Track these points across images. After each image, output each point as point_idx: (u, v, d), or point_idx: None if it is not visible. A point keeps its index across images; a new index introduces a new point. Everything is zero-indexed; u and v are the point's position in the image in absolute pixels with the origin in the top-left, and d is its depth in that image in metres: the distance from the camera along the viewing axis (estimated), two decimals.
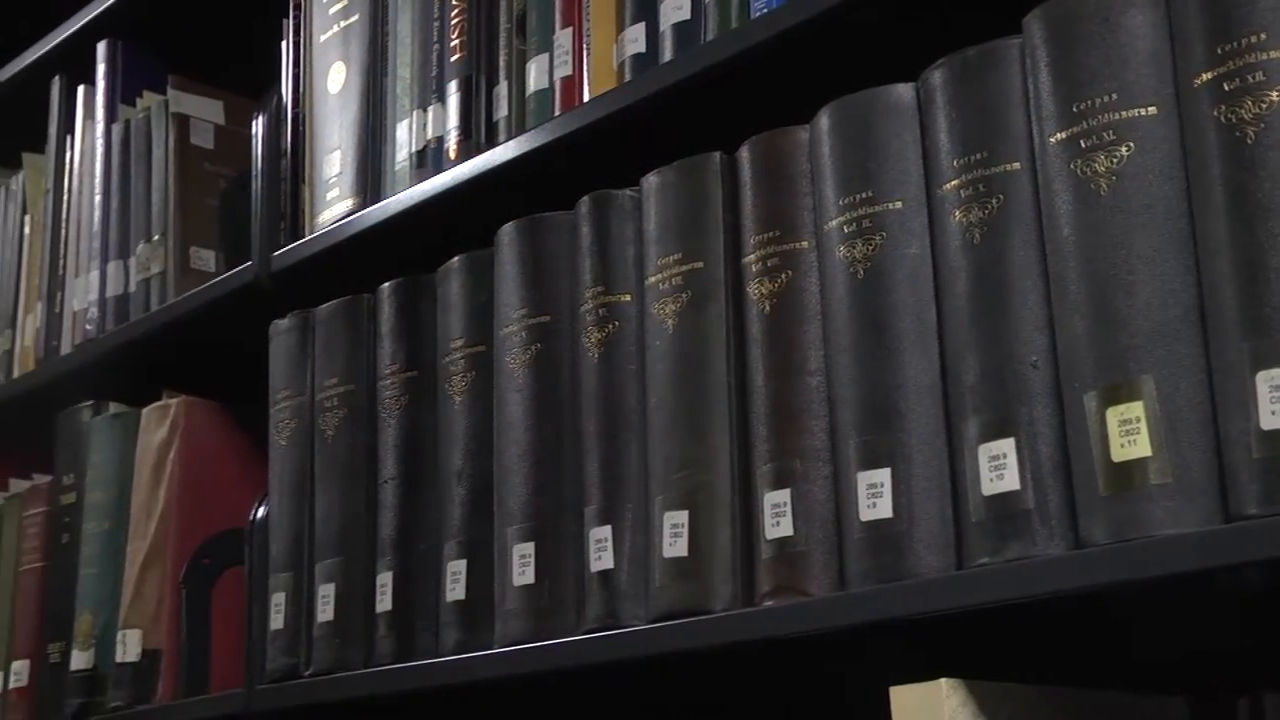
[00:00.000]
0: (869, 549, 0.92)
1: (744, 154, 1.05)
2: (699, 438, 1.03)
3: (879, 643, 1.01)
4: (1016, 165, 0.89)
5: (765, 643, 0.97)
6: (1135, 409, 0.81)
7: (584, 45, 1.20)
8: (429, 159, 1.30)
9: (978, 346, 0.89)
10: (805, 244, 1.00)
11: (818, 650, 1.08)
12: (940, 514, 0.91)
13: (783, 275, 1.00)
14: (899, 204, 0.95)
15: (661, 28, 1.14)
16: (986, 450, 0.87)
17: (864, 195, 0.96)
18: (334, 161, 1.39)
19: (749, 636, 0.96)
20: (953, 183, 0.92)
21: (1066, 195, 0.86)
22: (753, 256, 1.02)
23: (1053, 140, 0.87)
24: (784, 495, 0.97)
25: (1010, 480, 0.86)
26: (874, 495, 0.92)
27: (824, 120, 0.99)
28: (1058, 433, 0.86)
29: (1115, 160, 0.84)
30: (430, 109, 1.31)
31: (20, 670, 1.60)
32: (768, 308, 1.01)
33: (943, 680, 0.84)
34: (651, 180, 1.10)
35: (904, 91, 0.97)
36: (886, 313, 0.94)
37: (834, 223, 0.97)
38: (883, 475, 0.92)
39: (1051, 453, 0.86)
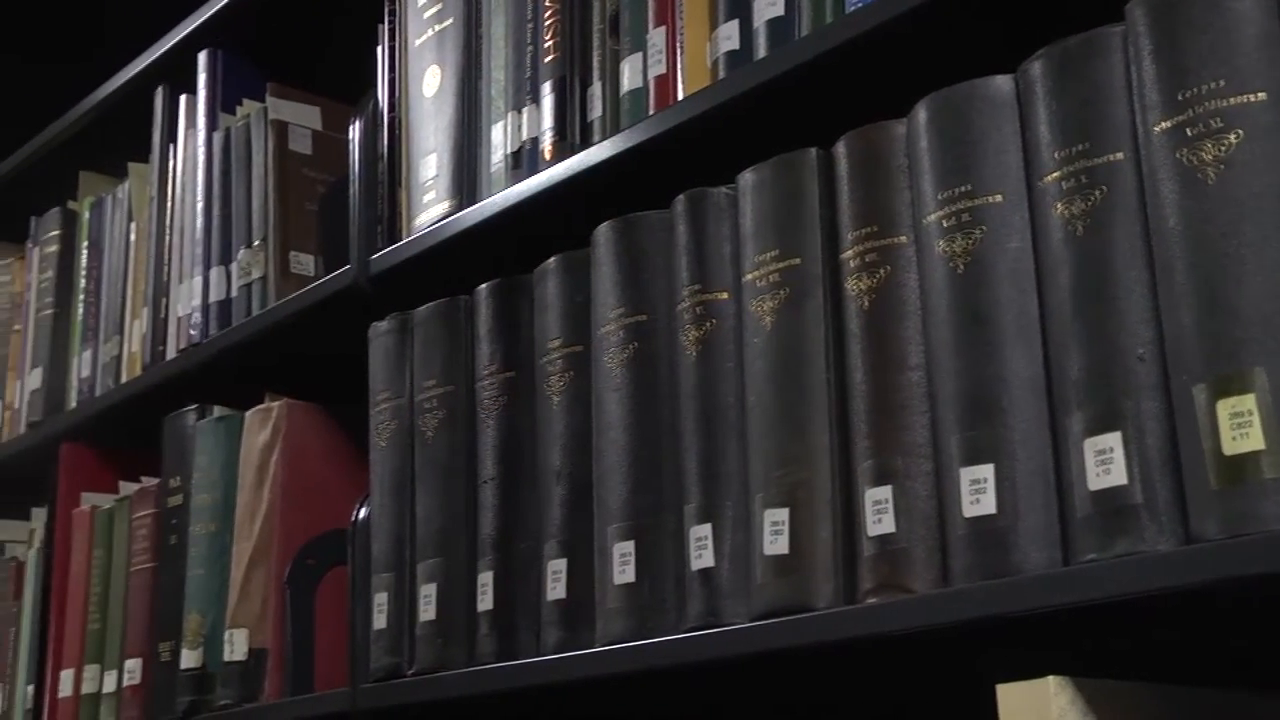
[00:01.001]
0: (973, 545, 0.91)
1: (840, 149, 1.04)
2: (798, 435, 1.02)
3: (983, 640, 1.00)
4: (1120, 155, 0.88)
5: (868, 640, 0.96)
6: (1247, 401, 0.79)
7: (677, 44, 1.20)
8: (524, 160, 1.31)
9: (1082, 340, 0.88)
10: (904, 239, 0.99)
11: (921, 648, 1.07)
12: (1045, 509, 0.90)
13: (881, 270, 1.00)
14: (999, 197, 0.94)
15: (755, 24, 1.13)
16: (1092, 444, 0.86)
17: (963, 189, 0.95)
18: (430, 164, 1.40)
19: (852, 634, 0.96)
20: (1054, 175, 0.91)
21: (1172, 185, 0.84)
22: (850, 252, 1.02)
23: (1157, 129, 0.85)
24: (885, 492, 0.96)
25: (1117, 475, 0.85)
26: (977, 491, 0.91)
27: (921, 114, 0.99)
28: (1166, 426, 0.84)
29: (1223, 148, 0.82)
30: (525, 110, 1.31)
31: (133, 668, 1.63)
32: (866, 303, 1.00)
33: (1050, 678, 0.82)
34: (747, 177, 1.09)
35: (1003, 83, 0.95)
36: (988, 307, 0.93)
37: (933, 217, 0.97)
38: (986, 471, 0.91)
39: (1160, 446, 0.84)
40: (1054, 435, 0.90)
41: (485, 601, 1.22)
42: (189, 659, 1.54)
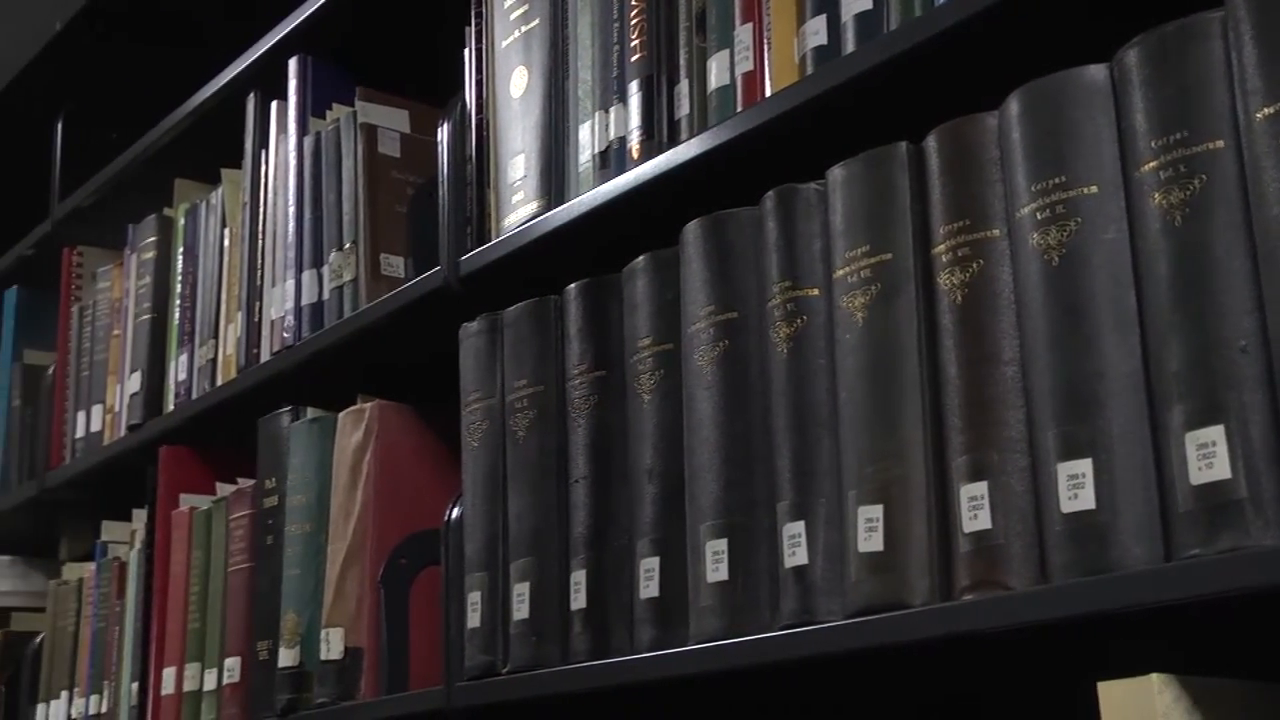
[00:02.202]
0: (1071, 541, 0.90)
1: (931, 143, 1.03)
2: (891, 431, 1.02)
3: (1083, 637, 0.99)
4: (1220, 143, 0.86)
5: (964, 638, 0.95)
6: None
7: (765, 40, 1.20)
8: (612, 159, 1.31)
9: (1182, 332, 0.87)
10: (996, 232, 0.98)
11: (1017, 645, 1.06)
12: (1145, 504, 0.88)
13: (974, 264, 0.99)
14: (1094, 188, 0.93)
15: (843, 19, 1.13)
16: (1194, 438, 0.85)
17: (1057, 180, 0.94)
18: (518, 165, 1.41)
19: (948, 631, 0.95)
20: (1151, 164, 0.89)
21: (1275, 172, 0.83)
22: (942, 246, 1.01)
23: (1259, 116, 0.84)
24: (981, 488, 0.95)
25: (1220, 469, 0.83)
26: (1075, 486, 0.90)
27: (1013, 106, 0.97)
28: (1270, 419, 0.83)
29: None
30: (612, 110, 1.32)
31: (233, 667, 1.65)
32: (959, 298, 0.99)
33: (1154, 675, 0.81)
34: (837, 173, 1.09)
35: (1097, 73, 0.94)
36: (1084, 300, 0.92)
37: (1026, 210, 0.95)
38: (1084, 466, 0.90)
39: (1265, 439, 0.83)
40: (1153, 429, 0.89)
41: (578, 600, 1.23)
42: (286, 657, 1.56)
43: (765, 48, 1.19)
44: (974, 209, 0.99)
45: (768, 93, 1.19)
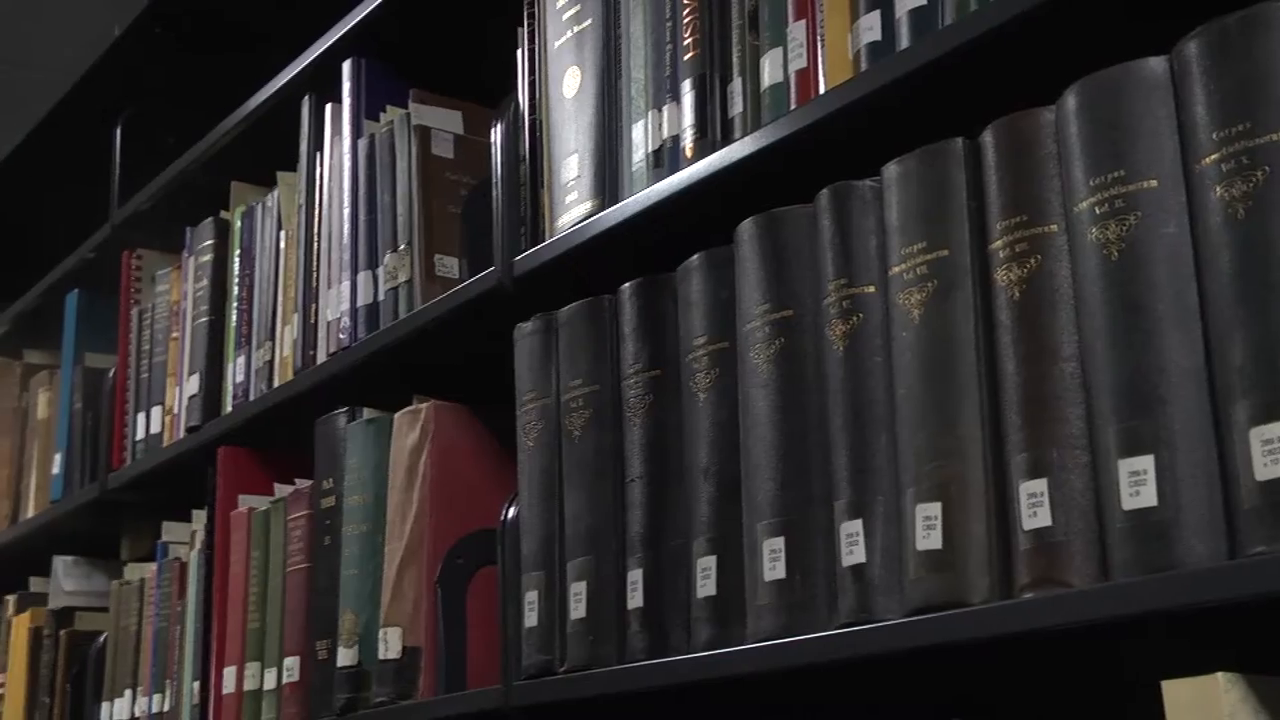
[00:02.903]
0: (1133, 538, 0.89)
1: (987, 138, 1.02)
2: (949, 428, 1.01)
3: (1145, 636, 0.98)
4: None
5: (1025, 636, 0.95)
6: None
7: (818, 37, 1.19)
8: (665, 158, 1.31)
9: (1245, 326, 0.86)
10: (1054, 227, 0.98)
11: (1078, 643, 1.05)
12: (1209, 501, 0.87)
13: (1032, 260, 0.98)
14: (1153, 182, 0.92)
15: (897, 14, 1.12)
16: (1259, 434, 0.84)
17: (1116, 174, 0.93)
18: (572, 165, 1.41)
19: (1009, 630, 0.94)
20: (1212, 157, 0.88)
21: None
22: (1000, 242, 1.00)
23: None
24: (1041, 485, 0.95)
25: None
26: (1136, 483, 0.89)
27: (1071, 99, 0.97)
28: None
29: None
30: (665, 109, 1.32)
31: (292, 666, 1.67)
32: (1017, 294, 0.98)
33: (1220, 674, 0.80)
34: (892, 169, 1.08)
35: (1156, 65, 0.93)
36: (1144, 294, 0.91)
37: (1084, 204, 0.95)
38: (1145, 462, 0.89)
39: None
40: (1217, 425, 0.88)
41: (635, 599, 1.23)
42: (345, 657, 1.57)
43: (819, 44, 1.19)
44: (1031, 204, 0.98)
45: (821, 90, 1.18)
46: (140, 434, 2.16)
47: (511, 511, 1.39)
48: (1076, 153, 0.96)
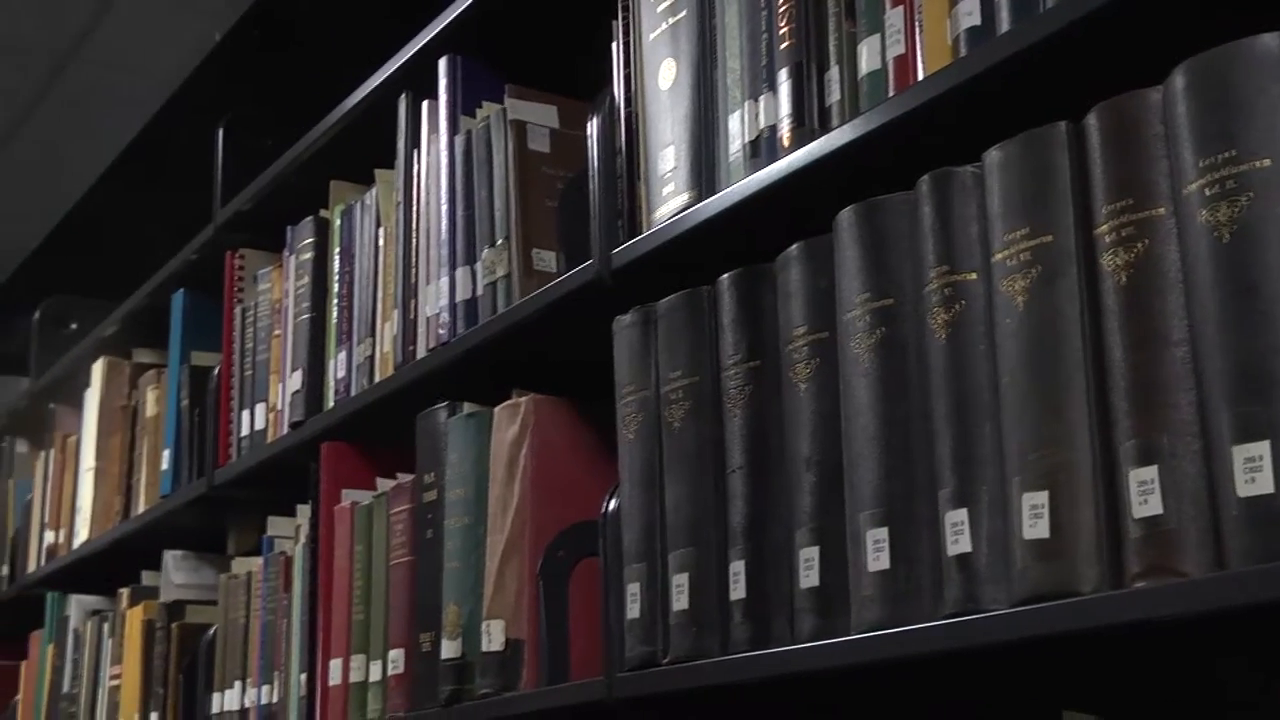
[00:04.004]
0: (1249, 526, 0.87)
1: (1091, 121, 1.01)
2: (1056, 416, 1.00)
3: (1265, 626, 0.96)
4: None
5: (1137, 626, 0.93)
6: None
7: (916, 23, 1.18)
8: (763, 148, 1.31)
9: None
10: (1162, 210, 0.96)
11: (1192, 634, 1.03)
12: None
13: (1139, 244, 0.96)
14: (1267, 161, 0.90)
15: None
16: None
17: (1227, 155, 0.91)
18: (668, 157, 1.41)
19: (1120, 619, 0.93)
20: None
21: None
22: (1105, 226, 0.99)
23: None
24: (1151, 472, 0.93)
25: None
26: (1252, 469, 0.87)
27: (1179, 79, 0.95)
28: None
29: None
30: (761, 99, 1.31)
31: (397, 658, 1.69)
32: (1124, 279, 0.97)
33: None
34: (994, 155, 1.07)
35: (1270, 41, 0.91)
36: (1258, 276, 0.89)
37: (1194, 186, 0.93)
38: (1261, 448, 0.87)
39: None
40: None
41: (738, 590, 1.23)
42: (449, 649, 1.58)
43: (917, 30, 1.18)
44: (1138, 187, 0.97)
45: (920, 76, 1.17)
46: (245, 430, 2.19)
47: (613, 504, 1.39)
48: (1185, 133, 0.94)
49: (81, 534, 2.77)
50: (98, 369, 2.83)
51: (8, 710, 3.02)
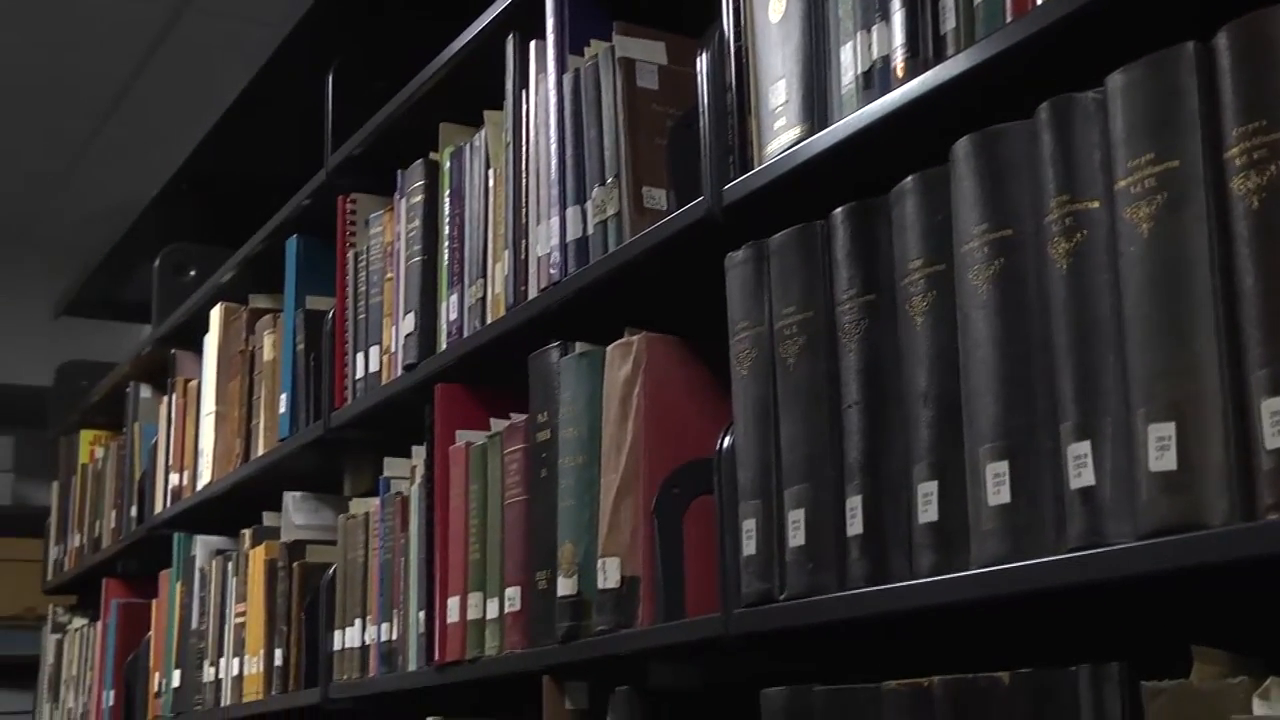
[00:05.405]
0: None
1: (1221, 41, 0.98)
2: (1183, 346, 0.98)
3: None
4: None
5: (1270, 560, 0.91)
6: None
7: None
8: (876, 80, 1.29)
9: None
10: None
11: None
12: None
13: (1272, 166, 0.93)
14: None
15: None
16: None
17: None
18: (779, 91, 1.40)
19: (1252, 552, 0.91)
20: None
21: None
22: (1235, 150, 0.96)
23: None
24: None
25: None
26: None
27: None
28: None
29: None
30: (874, 29, 1.29)
31: (513, 596, 1.70)
32: (1255, 203, 0.94)
33: None
34: (1117, 79, 1.04)
35: None
36: None
37: None
38: None
39: None
40: None
41: (855, 526, 1.22)
42: (565, 587, 1.59)
43: None
44: (1271, 108, 0.94)
45: (1038, 1, 1.14)
46: (360, 373, 2.22)
47: (727, 441, 1.39)
48: None
49: (204, 476, 2.83)
50: (215, 315, 2.89)
51: (141, 645, 3.11)
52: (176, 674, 2.85)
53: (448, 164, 2.04)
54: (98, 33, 3.68)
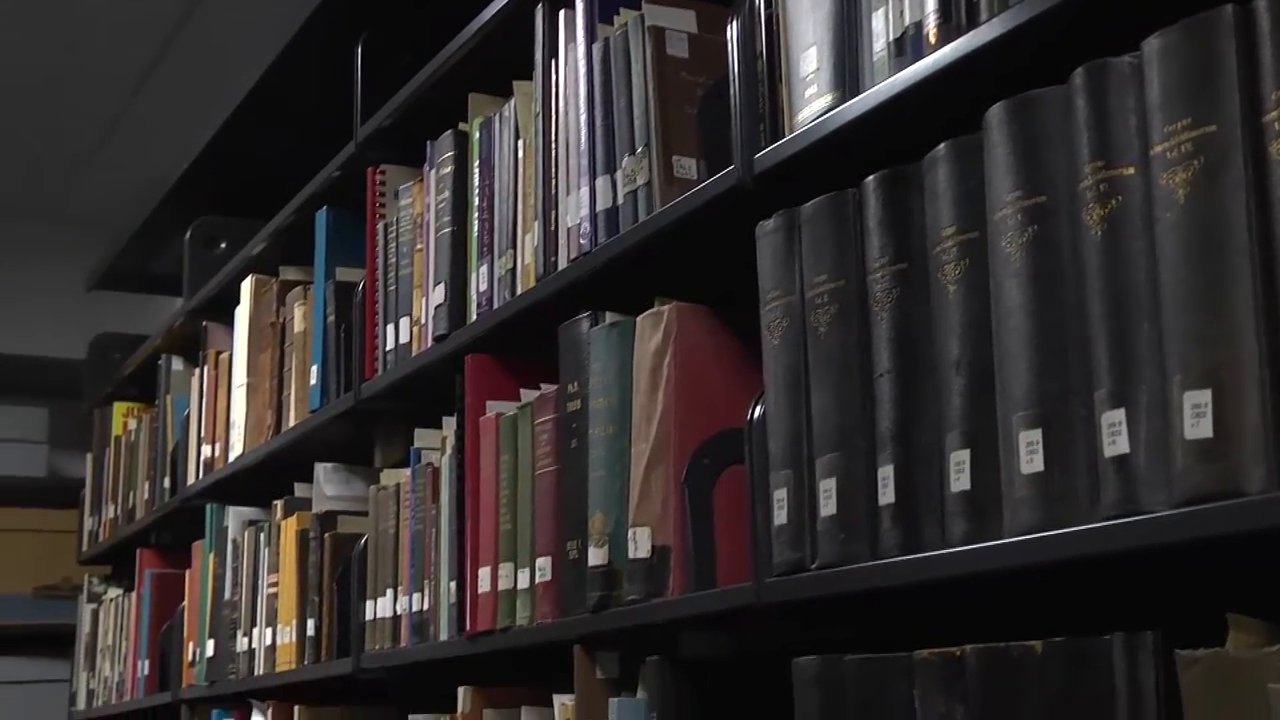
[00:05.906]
0: None
1: (1261, 3, 0.96)
2: (1219, 312, 0.97)
3: None
4: None
5: None
6: None
7: None
8: (908, 46, 1.28)
9: None
10: None
11: None
12: None
13: None
14: None
15: None
16: None
17: None
18: (810, 58, 1.39)
19: None
20: None
21: None
22: (1275, 114, 0.95)
23: None
24: None
25: None
26: None
27: None
28: None
29: None
30: None
31: (544, 566, 1.71)
32: None
33: None
34: (1153, 43, 1.03)
35: None
36: None
37: None
38: None
39: None
40: None
41: (886, 495, 1.22)
42: (595, 556, 1.60)
43: None
44: None
45: None
46: (390, 344, 2.23)
47: (758, 410, 1.39)
48: None
49: (236, 448, 2.84)
50: (246, 287, 2.89)
51: (175, 615, 3.14)
52: (210, 643, 2.87)
53: (477, 135, 2.04)
54: (128, 8, 3.68)
